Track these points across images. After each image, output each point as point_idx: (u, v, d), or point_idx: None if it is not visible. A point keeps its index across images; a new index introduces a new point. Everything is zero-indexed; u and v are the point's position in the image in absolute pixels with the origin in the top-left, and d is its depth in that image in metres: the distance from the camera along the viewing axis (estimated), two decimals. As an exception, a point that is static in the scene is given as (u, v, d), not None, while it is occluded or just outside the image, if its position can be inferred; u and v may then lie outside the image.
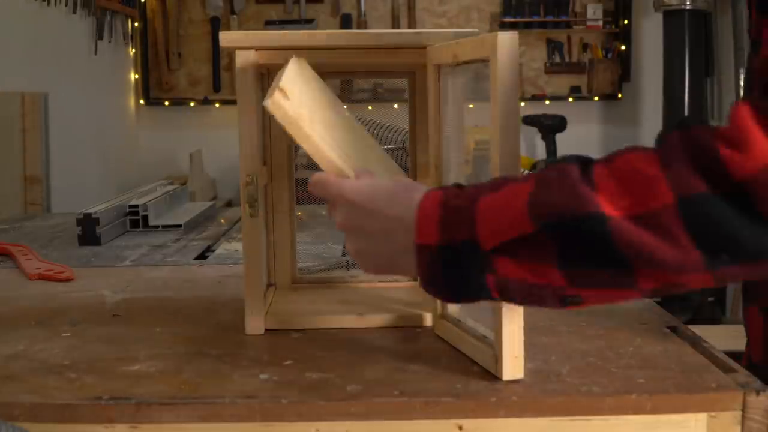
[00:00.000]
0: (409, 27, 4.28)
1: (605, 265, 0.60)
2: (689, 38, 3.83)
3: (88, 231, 1.48)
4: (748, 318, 0.89)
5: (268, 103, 0.74)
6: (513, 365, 0.74)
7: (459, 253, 0.65)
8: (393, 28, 4.27)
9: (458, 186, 0.70)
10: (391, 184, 0.73)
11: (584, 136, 4.36)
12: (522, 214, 0.62)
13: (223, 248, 1.47)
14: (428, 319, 0.92)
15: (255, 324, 0.90)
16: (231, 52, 0.89)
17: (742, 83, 3.75)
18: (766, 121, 0.56)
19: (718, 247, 0.57)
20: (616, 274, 0.60)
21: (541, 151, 4.16)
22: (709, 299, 3.25)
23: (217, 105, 4.28)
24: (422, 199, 0.68)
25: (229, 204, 3.79)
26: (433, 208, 0.67)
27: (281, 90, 0.75)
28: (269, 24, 4.24)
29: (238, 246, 1.46)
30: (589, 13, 4.33)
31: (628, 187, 0.59)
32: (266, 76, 1.00)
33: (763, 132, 0.55)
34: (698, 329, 0.96)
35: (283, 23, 4.22)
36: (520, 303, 0.68)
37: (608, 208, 0.59)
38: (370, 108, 2.05)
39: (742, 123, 0.56)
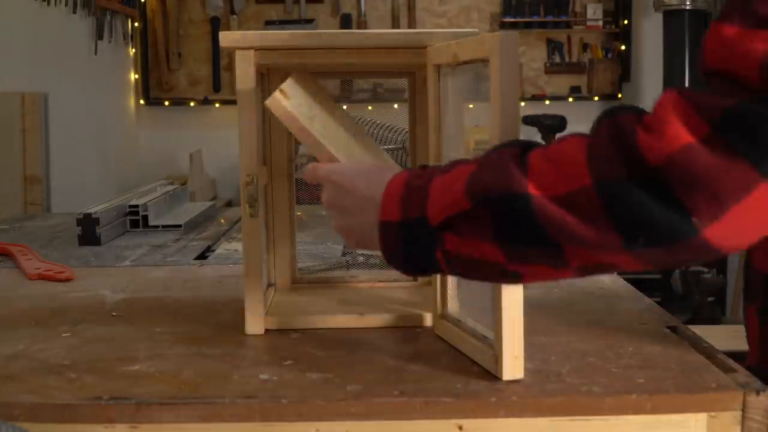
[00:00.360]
0: (409, 27, 4.27)
1: (535, 242, 0.63)
2: (689, 38, 3.83)
3: (88, 231, 1.48)
4: (747, 318, 0.89)
5: (269, 101, 0.79)
6: (513, 365, 0.74)
7: (413, 229, 0.69)
8: (393, 28, 4.27)
9: (423, 167, 0.74)
10: (370, 166, 0.79)
11: (584, 136, 4.35)
12: (461, 192, 0.66)
13: (223, 248, 1.47)
14: (428, 319, 0.92)
15: (255, 324, 0.90)
16: (231, 52, 0.89)
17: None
18: (685, 107, 0.57)
19: (635, 229, 0.58)
20: (546, 251, 0.63)
21: (541, 151, 4.15)
22: (709, 299, 3.25)
23: (217, 105, 4.28)
24: (390, 179, 0.73)
25: (229, 204, 3.78)
26: (397, 187, 0.71)
27: (281, 91, 0.78)
28: (269, 24, 4.24)
29: (238, 246, 1.46)
30: (589, 13, 4.33)
31: (556, 170, 0.61)
32: (266, 76, 1.00)
33: (679, 118, 0.57)
34: (698, 329, 0.96)
35: (283, 23, 4.22)
36: (465, 276, 0.72)
37: (533, 188, 0.62)
38: (370, 108, 2.05)
39: (662, 109, 0.58)
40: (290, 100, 0.82)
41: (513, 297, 0.74)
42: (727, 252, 0.59)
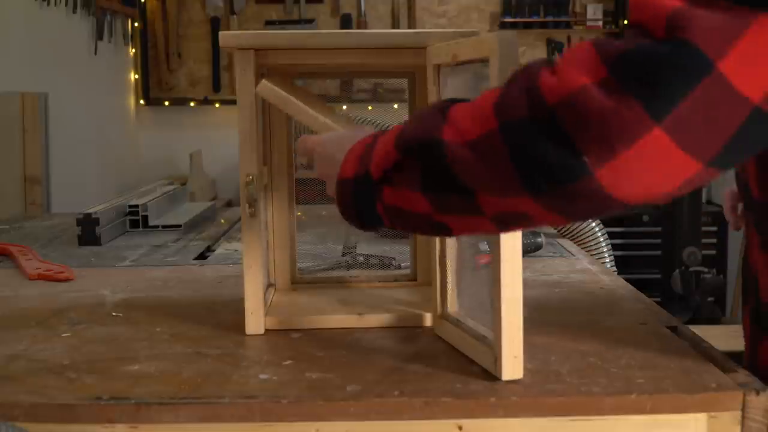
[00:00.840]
0: (409, 27, 4.27)
1: (452, 189, 0.64)
2: (689, 38, 3.83)
3: (88, 231, 1.48)
4: (743, 317, 0.89)
5: (259, 87, 0.84)
6: (512, 365, 0.74)
7: (360, 185, 0.72)
8: (393, 28, 4.27)
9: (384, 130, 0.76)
10: (347, 132, 0.80)
11: (584, 136, 4.35)
12: (392, 144, 0.69)
13: (223, 248, 1.47)
14: (428, 319, 0.92)
15: (255, 324, 0.90)
16: (231, 52, 0.89)
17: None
18: (590, 52, 0.56)
19: (533, 171, 0.58)
20: (462, 199, 0.64)
21: (541, 151, 4.15)
22: (709, 299, 3.25)
23: (217, 105, 4.28)
24: (356, 141, 0.75)
25: (229, 204, 3.78)
26: (357, 148, 0.74)
27: (266, 79, 0.84)
28: (269, 24, 4.23)
29: (238, 246, 1.46)
30: (589, 13, 4.33)
31: (470, 116, 0.63)
32: (266, 76, 1.00)
33: (582, 61, 0.56)
34: (698, 329, 0.96)
35: (283, 23, 4.22)
36: (403, 229, 0.74)
37: (449, 135, 0.63)
38: (370, 108, 2.05)
39: (570, 54, 0.58)
40: (277, 87, 0.85)
41: (512, 297, 0.74)
42: (624, 202, 0.58)
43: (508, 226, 0.68)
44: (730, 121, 0.54)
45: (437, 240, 0.88)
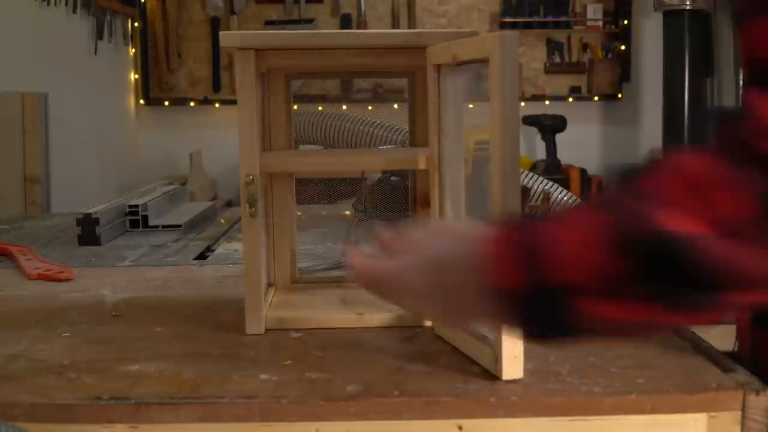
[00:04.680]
0: (409, 27, 4.28)
1: (693, 289, 0.55)
2: (689, 38, 3.84)
3: (88, 231, 1.48)
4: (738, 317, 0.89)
5: None
6: (512, 365, 0.74)
7: (541, 298, 0.58)
8: (393, 28, 4.27)
9: (515, 219, 0.64)
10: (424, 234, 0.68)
11: (584, 136, 4.36)
12: (611, 249, 0.56)
13: (223, 248, 1.47)
14: (428, 319, 0.92)
15: (255, 324, 0.90)
16: (231, 52, 0.89)
17: (741, 83, 3.76)
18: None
19: None
20: (703, 295, 0.56)
21: (541, 151, 4.16)
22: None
23: (217, 105, 4.28)
24: (478, 234, 0.62)
25: (229, 204, 3.78)
26: (497, 246, 0.60)
27: None
28: (269, 24, 4.24)
29: (238, 246, 1.46)
30: (589, 13, 4.33)
31: (703, 199, 0.55)
32: (266, 76, 1.00)
33: None
34: (698, 329, 0.96)
35: (283, 23, 4.22)
36: (599, 338, 0.67)
37: (690, 226, 0.54)
38: (370, 108, 2.04)
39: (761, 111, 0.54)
40: None
41: None
42: None
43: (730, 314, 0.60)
44: None
45: None
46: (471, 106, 0.93)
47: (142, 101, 4.25)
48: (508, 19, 4.28)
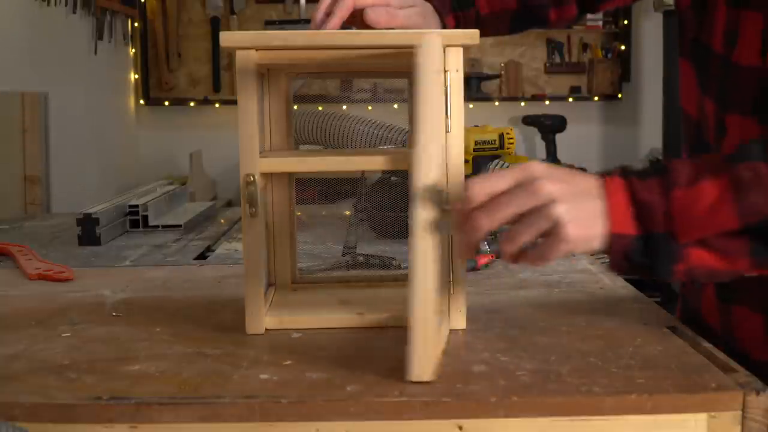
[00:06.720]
0: (409, 27, 4.27)
1: None
2: (689, 38, 3.83)
3: (88, 231, 1.48)
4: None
5: None
6: (422, 366, 0.73)
7: (652, 244, 0.71)
8: (393, 28, 4.26)
9: (635, 172, 0.73)
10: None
11: (584, 136, 4.36)
12: (729, 215, 0.68)
13: (223, 248, 1.47)
14: (428, 319, 0.92)
15: (255, 324, 0.90)
16: (231, 52, 0.89)
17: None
18: None
19: None
20: None
21: (541, 151, 4.16)
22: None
23: (217, 105, 4.28)
24: (605, 183, 0.72)
25: (229, 204, 3.78)
26: (623, 198, 0.71)
27: None
28: (269, 24, 4.24)
29: (238, 246, 1.46)
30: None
31: None
32: (266, 76, 1.00)
33: None
34: (698, 329, 0.96)
35: (283, 23, 4.22)
36: (697, 279, 0.78)
37: None
38: (369, 108, 2.04)
39: None
40: None
41: (426, 296, 0.73)
42: None
43: None
44: None
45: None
46: (471, 106, 0.94)
47: (142, 101, 4.25)
48: (508, 19, 4.27)
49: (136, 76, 4.21)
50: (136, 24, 4.08)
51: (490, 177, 0.73)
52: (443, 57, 0.84)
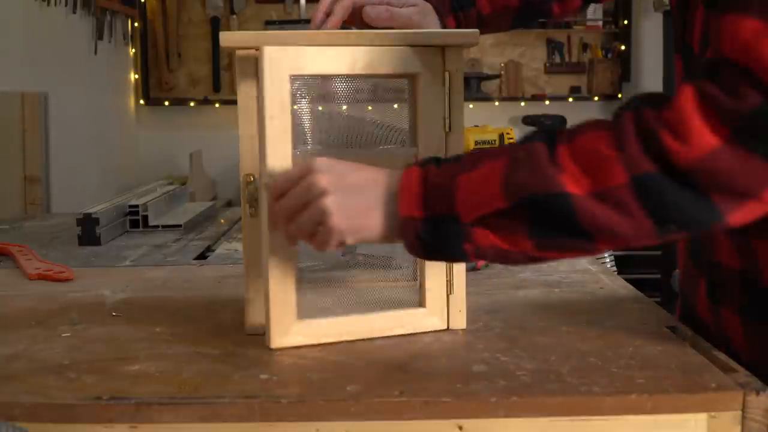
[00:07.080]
0: (409, 27, 4.27)
1: (571, 236, 0.70)
2: (689, 38, 3.83)
3: (88, 231, 1.48)
4: (728, 322, 0.89)
5: None
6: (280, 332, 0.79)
7: (440, 225, 0.73)
8: (393, 28, 4.26)
9: (435, 161, 0.76)
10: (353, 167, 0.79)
11: (584, 136, 4.35)
12: (497, 193, 0.70)
13: (223, 248, 1.47)
14: (428, 319, 0.92)
15: (255, 324, 0.90)
16: (231, 52, 0.89)
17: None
18: (706, 108, 0.63)
19: (667, 218, 0.67)
20: (579, 242, 0.70)
21: (541, 151, 4.15)
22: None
23: (217, 105, 4.28)
24: (404, 172, 0.75)
25: (229, 204, 3.78)
26: (415, 183, 0.74)
27: None
28: (269, 24, 4.24)
29: (238, 246, 1.46)
30: (589, 13, 4.33)
31: (589, 167, 0.67)
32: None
33: (702, 121, 0.63)
34: (698, 329, 0.96)
35: (283, 23, 4.22)
36: (491, 261, 0.77)
37: (572, 187, 0.67)
38: (369, 108, 2.05)
39: (684, 109, 0.64)
40: None
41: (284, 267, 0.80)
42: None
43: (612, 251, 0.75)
44: None
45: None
46: (471, 106, 0.94)
47: (142, 101, 4.24)
48: (508, 19, 4.27)
49: (136, 76, 4.21)
50: (136, 24, 4.08)
51: (286, 172, 0.80)
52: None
